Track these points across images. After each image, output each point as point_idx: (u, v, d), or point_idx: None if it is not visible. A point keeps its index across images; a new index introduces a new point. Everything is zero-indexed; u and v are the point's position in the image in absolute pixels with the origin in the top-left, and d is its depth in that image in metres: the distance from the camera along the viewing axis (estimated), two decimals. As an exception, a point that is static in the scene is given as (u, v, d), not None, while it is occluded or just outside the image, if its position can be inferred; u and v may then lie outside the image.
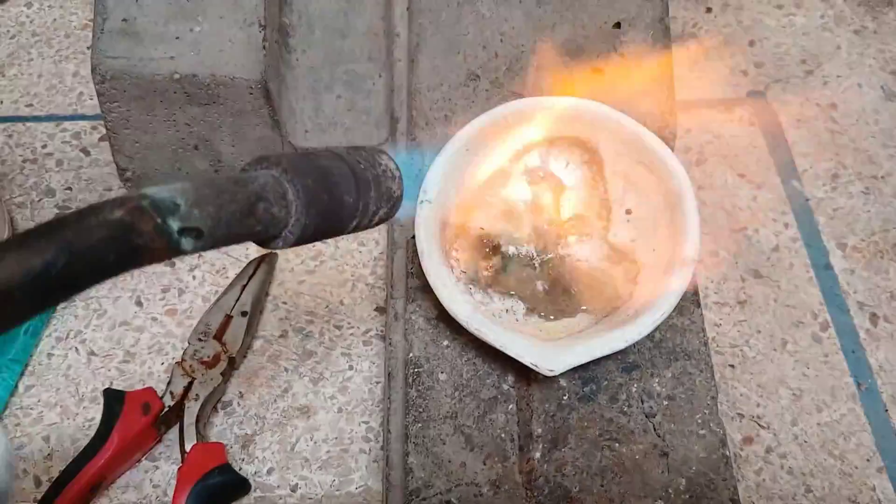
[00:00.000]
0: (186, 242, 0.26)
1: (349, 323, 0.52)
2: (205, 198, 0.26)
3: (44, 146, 0.61)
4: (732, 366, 0.50)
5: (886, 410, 0.49)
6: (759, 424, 0.48)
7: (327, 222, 0.31)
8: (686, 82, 0.64)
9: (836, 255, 0.55)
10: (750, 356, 0.51)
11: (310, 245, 0.55)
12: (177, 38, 0.47)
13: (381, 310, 0.52)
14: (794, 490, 0.46)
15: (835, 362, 0.51)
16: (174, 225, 0.25)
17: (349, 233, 0.33)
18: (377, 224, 0.34)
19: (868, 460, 0.47)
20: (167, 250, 0.26)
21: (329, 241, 0.55)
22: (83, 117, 0.62)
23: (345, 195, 0.31)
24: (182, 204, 0.26)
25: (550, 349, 0.40)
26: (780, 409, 0.49)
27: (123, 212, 0.24)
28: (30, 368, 0.50)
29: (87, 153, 0.60)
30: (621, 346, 0.40)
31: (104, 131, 0.61)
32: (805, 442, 0.48)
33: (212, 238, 0.27)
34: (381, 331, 0.51)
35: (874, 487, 0.46)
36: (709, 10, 0.69)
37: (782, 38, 0.67)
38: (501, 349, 0.40)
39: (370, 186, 0.32)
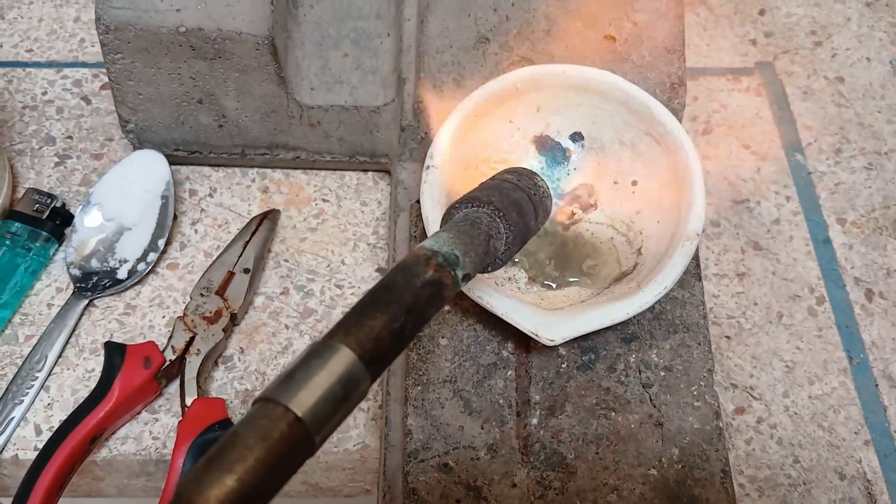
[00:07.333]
0: (462, 284, 0.33)
1: (350, 282, 0.52)
2: (467, 247, 0.33)
3: (44, 93, 0.60)
4: (728, 337, 0.51)
5: (877, 385, 0.50)
6: (751, 395, 0.49)
7: (521, 244, 0.38)
8: (695, 50, 0.63)
9: (836, 230, 0.55)
10: (746, 328, 0.51)
11: (312, 202, 0.55)
12: (183, -11, 0.46)
13: (382, 270, 0.53)
14: (783, 460, 0.47)
15: (828, 336, 0.51)
16: (459, 274, 0.32)
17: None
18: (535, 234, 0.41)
19: (856, 433, 0.48)
20: (454, 294, 0.33)
21: (331, 199, 0.55)
22: (84, 64, 0.61)
23: (530, 221, 0.38)
24: (460, 256, 0.32)
25: (551, 318, 0.40)
26: (772, 381, 0.50)
27: (432, 271, 0.31)
28: (29, 318, 0.51)
29: (87, 101, 0.60)
30: (622, 318, 0.40)
31: (106, 79, 0.60)
32: (795, 413, 0.49)
33: (473, 277, 0.34)
34: (382, 291, 0.52)
35: (860, 460, 0.47)
36: (721, -25, 0.68)
37: (793, 8, 0.66)
38: (502, 317, 0.41)
39: (539, 208, 0.39)
